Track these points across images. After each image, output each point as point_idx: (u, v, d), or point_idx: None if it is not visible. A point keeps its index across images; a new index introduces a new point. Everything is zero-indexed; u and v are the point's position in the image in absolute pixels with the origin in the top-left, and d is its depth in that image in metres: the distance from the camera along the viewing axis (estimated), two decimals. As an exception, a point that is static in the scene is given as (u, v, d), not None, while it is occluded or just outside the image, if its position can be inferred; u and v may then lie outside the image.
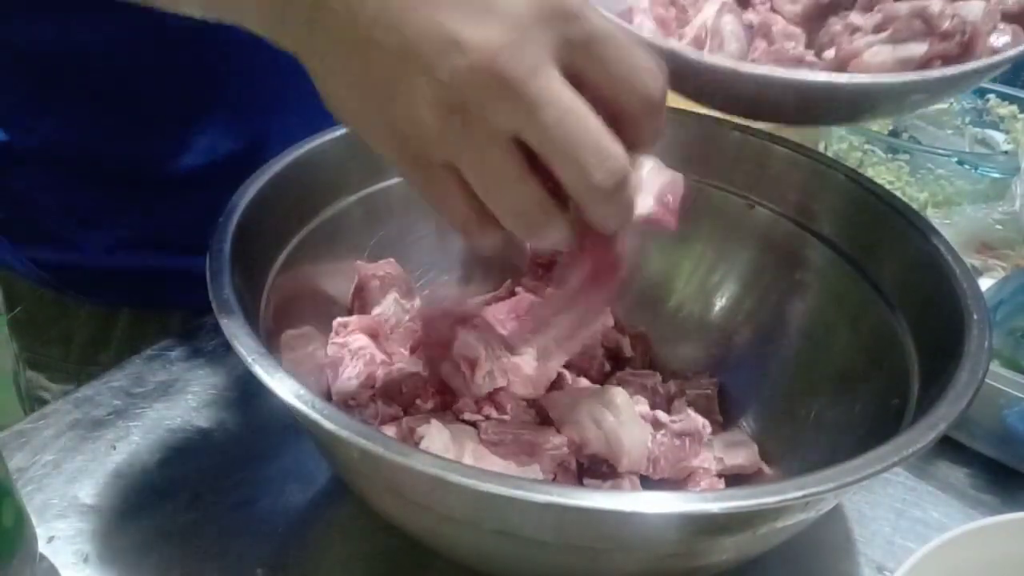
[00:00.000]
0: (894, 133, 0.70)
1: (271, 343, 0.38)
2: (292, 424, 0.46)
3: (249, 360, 0.31)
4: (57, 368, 0.65)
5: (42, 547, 0.40)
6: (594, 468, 0.41)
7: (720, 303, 0.52)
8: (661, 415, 0.42)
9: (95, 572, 0.39)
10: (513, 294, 0.49)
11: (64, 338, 0.64)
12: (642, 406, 0.43)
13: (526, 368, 0.42)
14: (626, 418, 0.40)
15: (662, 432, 0.41)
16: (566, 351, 0.43)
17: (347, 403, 0.43)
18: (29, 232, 0.61)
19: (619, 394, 0.41)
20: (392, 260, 0.50)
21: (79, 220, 0.60)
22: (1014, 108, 0.67)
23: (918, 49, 0.41)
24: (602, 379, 0.47)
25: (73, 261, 0.61)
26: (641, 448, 0.40)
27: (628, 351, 0.49)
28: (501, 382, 0.42)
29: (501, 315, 0.45)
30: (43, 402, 0.64)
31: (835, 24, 0.46)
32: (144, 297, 0.63)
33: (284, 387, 0.30)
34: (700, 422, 0.42)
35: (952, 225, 0.57)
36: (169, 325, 0.64)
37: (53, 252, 0.61)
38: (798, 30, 0.46)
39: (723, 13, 0.45)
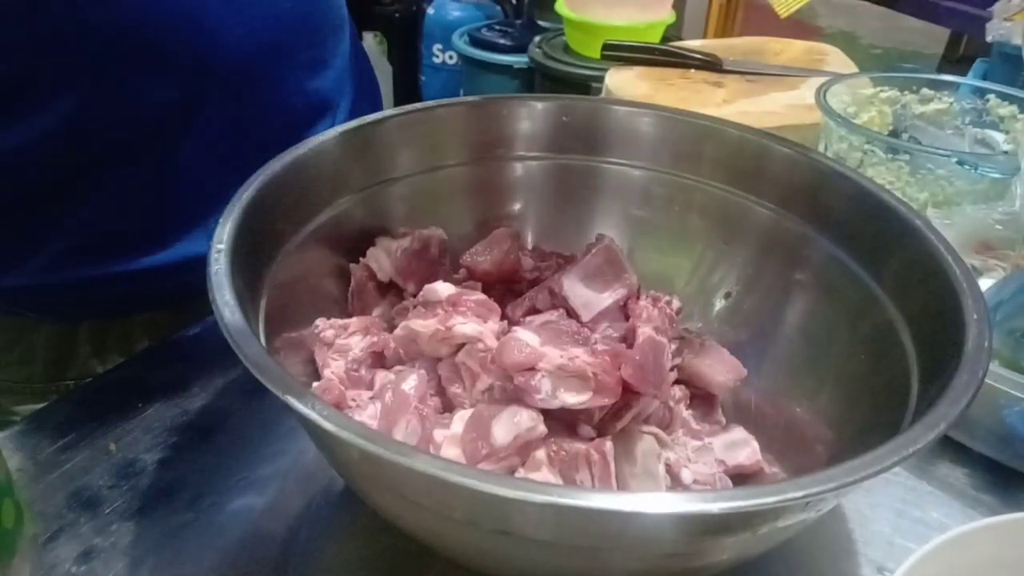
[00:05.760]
0: (894, 133, 0.69)
1: (271, 343, 0.38)
2: (292, 424, 0.46)
3: (249, 360, 0.31)
4: (20, 392, 0.63)
5: (42, 546, 0.40)
6: None
7: (720, 303, 0.52)
8: (685, 474, 0.41)
9: (95, 572, 0.39)
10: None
11: (25, 360, 0.63)
12: (668, 453, 0.41)
13: None
14: (641, 470, 0.39)
15: (680, 488, 0.41)
16: None
17: (347, 403, 0.43)
18: None
19: (645, 441, 0.40)
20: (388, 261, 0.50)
21: (18, 237, 0.58)
22: (1014, 108, 0.67)
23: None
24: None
25: (21, 281, 0.58)
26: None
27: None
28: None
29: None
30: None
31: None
32: (102, 308, 0.61)
33: (284, 388, 0.30)
34: (721, 480, 0.42)
35: (952, 225, 0.57)
36: (133, 333, 0.63)
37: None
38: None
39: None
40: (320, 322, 0.45)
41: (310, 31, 0.63)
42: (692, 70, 0.84)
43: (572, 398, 0.38)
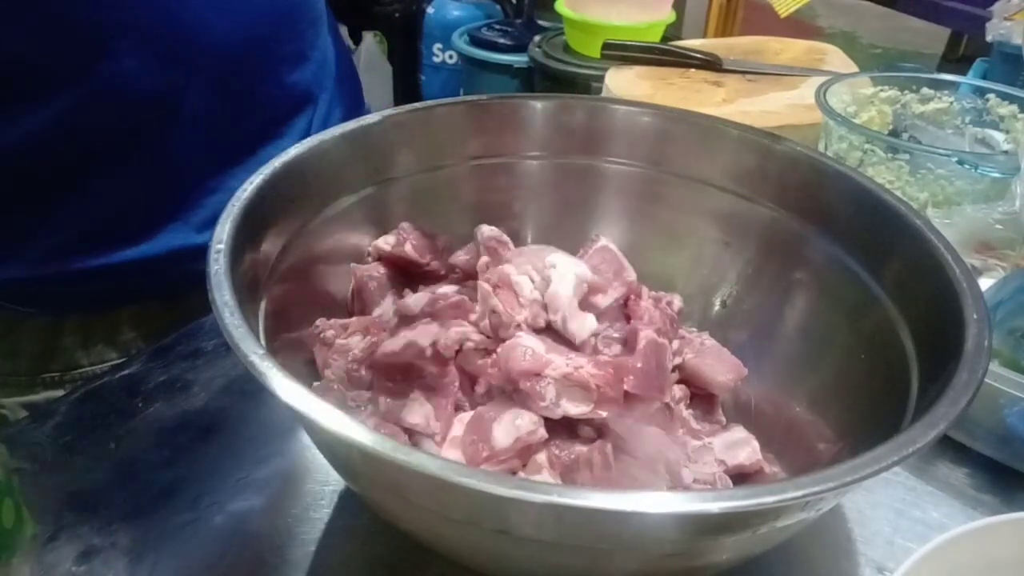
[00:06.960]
0: (894, 133, 0.69)
1: (271, 343, 0.38)
2: (292, 424, 0.46)
3: (249, 360, 0.31)
4: (5, 383, 0.63)
5: (42, 546, 0.40)
6: None
7: (720, 303, 0.52)
8: (685, 474, 0.41)
9: (95, 572, 0.39)
10: None
11: (11, 352, 0.63)
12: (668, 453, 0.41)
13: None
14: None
15: (680, 488, 0.41)
16: None
17: (347, 403, 0.43)
18: None
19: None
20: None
21: (5, 232, 0.58)
22: (1014, 108, 0.67)
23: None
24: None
25: (7, 275, 0.59)
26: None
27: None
28: None
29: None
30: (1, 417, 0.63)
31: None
32: (88, 300, 0.62)
33: (284, 387, 0.30)
34: (722, 480, 0.42)
35: (952, 225, 0.57)
36: (120, 325, 0.63)
37: None
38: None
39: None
40: (320, 322, 0.45)
41: (290, 24, 0.64)
42: (692, 70, 0.84)
43: (574, 408, 0.38)
